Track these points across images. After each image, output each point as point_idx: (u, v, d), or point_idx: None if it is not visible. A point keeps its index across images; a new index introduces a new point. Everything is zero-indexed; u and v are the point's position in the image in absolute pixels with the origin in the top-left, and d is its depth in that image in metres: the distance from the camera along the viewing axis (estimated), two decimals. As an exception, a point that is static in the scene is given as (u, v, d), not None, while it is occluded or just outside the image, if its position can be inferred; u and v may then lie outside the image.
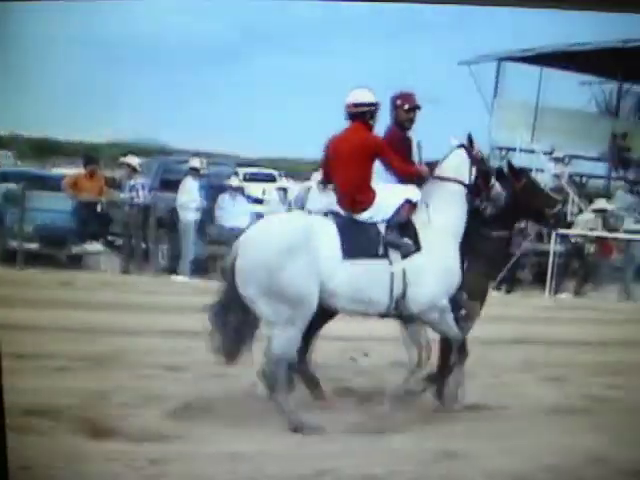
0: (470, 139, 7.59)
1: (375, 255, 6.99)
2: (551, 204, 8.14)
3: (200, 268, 14.44)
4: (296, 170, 22.32)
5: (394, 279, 6.97)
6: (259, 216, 14.92)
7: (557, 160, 18.87)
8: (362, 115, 7.16)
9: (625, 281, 15.58)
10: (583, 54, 18.68)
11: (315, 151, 8.15)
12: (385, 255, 7.00)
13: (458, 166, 7.46)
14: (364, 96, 7.17)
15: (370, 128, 7.25)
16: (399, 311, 7.12)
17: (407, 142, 7.54)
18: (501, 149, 20.48)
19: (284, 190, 15.49)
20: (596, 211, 16.08)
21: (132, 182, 15.05)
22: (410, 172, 7.31)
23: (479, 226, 7.59)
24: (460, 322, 7.37)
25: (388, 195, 7.19)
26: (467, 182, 7.44)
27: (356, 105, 7.15)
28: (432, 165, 7.48)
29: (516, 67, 20.26)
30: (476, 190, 7.51)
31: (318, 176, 14.66)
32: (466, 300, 7.41)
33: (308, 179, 15.85)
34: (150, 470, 5.86)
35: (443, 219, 7.27)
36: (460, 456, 6.38)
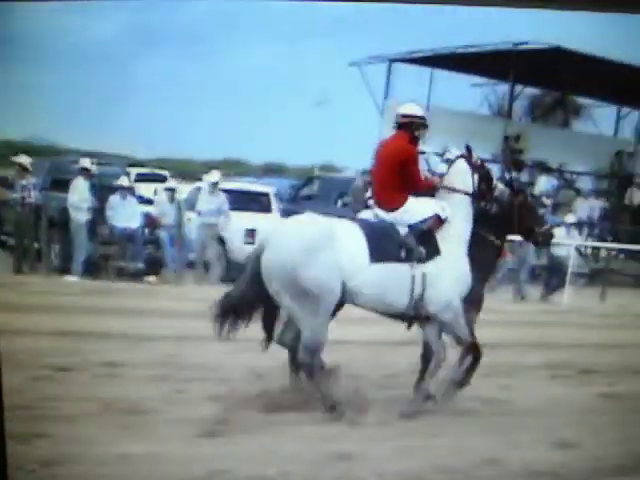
0: (468, 149, 8.20)
1: (398, 259, 7.52)
2: (541, 223, 8.69)
3: (92, 268, 14.29)
4: (186, 169, 22.24)
5: (415, 282, 7.52)
6: (148, 216, 14.96)
7: (449, 162, 19.07)
8: (409, 125, 7.82)
9: (519, 282, 15.87)
10: (474, 56, 18.96)
11: (205, 152, 8.26)
12: (408, 259, 7.55)
13: (462, 177, 8.02)
14: (413, 109, 7.88)
15: (414, 138, 7.88)
16: (417, 312, 7.63)
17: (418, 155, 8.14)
18: (392, 151, 20.56)
19: (172, 190, 15.39)
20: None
21: (23, 182, 14.74)
22: (428, 185, 7.94)
23: (480, 232, 8.06)
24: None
25: (420, 205, 7.78)
26: (471, 191, 7.99)
27: (404, 116, 7.84)
28: (440, 177, 8.12)
29: (407, 68, 20.49)
30: (480, 194, 8.07)
31: (210, 177, 14.75)
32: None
33: (199, 179, 15.87)
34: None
35: (455, 226, 7.85)
36: (353, 457, 6.47)
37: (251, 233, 14.87)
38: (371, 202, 8.04)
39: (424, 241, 7.64)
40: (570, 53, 17.97)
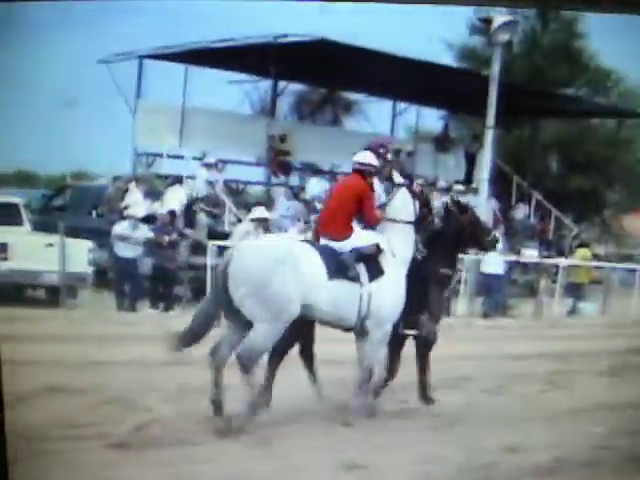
0: (410, 178, 9.31)
1: (349, 278, 8.32)
2: (487, 232, 9.48)
3: None
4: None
5: (362, 299, 8.35)
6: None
7: (209, 166, 17.74)
8: (362, 171, 8.70)
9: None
10: (231, 51, 17.33)
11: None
12: (356, 278, 8.36)
13: (404, 206, 8.84)
14: (366, 157, 8.73)
15: (366, 182, 8.69)
16: (362, 327, 8.43)
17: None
18: (147, 155, 18.89)
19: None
20: (255, 220, 15.14)
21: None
22: (378, 219, 8.71)
23: (430, 264, 8.86)
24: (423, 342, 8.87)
25: (363, 235, 8.60)
26: (413, 219, 8.86)
27: (359, 163, 8.73)
28: (382, 207, 8.80)
29: (160, 66, 18.51)
30: (422, 217, 8.93)
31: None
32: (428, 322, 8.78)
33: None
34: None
35: (397, 251, 8.67)
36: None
37: (1, 247, 13.74)
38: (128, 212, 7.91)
39: (368, 263, 8.45)
40: (337, 45, 16.72)
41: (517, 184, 21.68)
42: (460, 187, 18.72)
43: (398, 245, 8.67)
